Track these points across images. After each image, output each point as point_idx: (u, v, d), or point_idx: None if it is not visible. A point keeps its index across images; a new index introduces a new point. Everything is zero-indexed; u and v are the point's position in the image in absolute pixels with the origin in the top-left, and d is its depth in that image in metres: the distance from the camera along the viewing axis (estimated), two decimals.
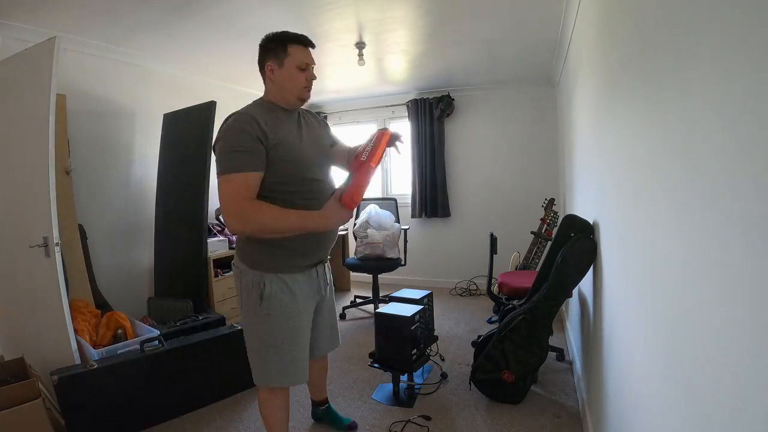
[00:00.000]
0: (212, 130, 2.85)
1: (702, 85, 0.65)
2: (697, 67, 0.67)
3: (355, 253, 3.66)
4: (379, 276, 3.70)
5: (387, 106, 4.77)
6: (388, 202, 3.96)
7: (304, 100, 1.45)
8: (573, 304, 2.68)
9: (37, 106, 1.97)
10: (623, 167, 1.25)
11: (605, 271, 1.58)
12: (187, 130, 2.99)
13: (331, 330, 1.73)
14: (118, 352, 2.08)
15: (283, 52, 1.38)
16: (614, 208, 1.40)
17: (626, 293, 1.22)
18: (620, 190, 1.30)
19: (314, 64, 1.44)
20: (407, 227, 3.92)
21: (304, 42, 1.42)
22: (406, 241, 3.78)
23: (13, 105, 2.15)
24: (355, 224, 3.76)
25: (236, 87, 3.98)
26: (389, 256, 3.54)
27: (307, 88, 1.43)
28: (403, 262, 3.67)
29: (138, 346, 2.07)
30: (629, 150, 1.16)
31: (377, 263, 3.54)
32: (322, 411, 2.00)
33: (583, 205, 2.23)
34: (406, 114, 4.59)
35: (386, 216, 3.67)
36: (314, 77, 1.44)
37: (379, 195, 4.93)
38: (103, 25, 2.50)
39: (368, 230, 3.57)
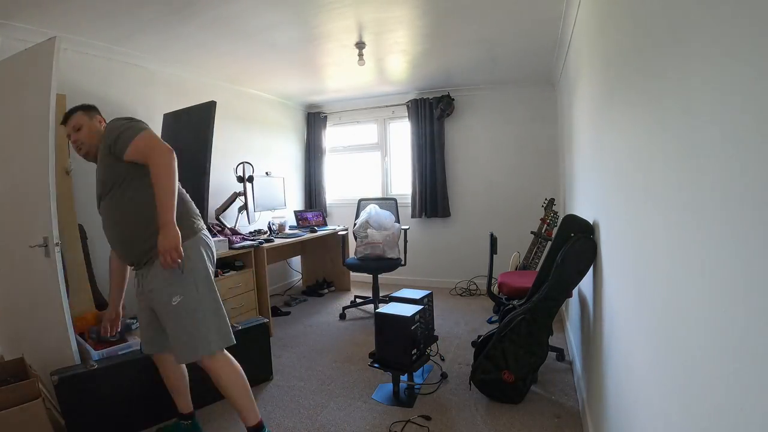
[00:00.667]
0: (212, 130, 2.85)
1: (701, 87, 0.65)
2: (697, 68, 0.67)
3: (355, 253, 3.66)
4: (379, 276, 3.70)
5: (387, 106, 4.77)
6: (389, 202, 3.96)
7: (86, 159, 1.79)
8: (573, 304, 2.68)
9: (37, 106, 1.97)
10: (623, 167, 1.25)
11: (605, 271, 1.58)
12: (187, 130, 2.99)
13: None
14: (119, 352, 2.08)
15: None
16: (614, 208, 1.40)
17: (626, 293, 1.22)
18: (619, 191, 1.30)
19: (72, 131, 1.72)
20: (407, 227, 3.93)
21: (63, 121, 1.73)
22: (406, 241, 3.79)
23: (13, 105, 2.15)
24: (355, 224, 3.77)
25: (237, 87, 3.99)
26: (389, 256, 3.55)
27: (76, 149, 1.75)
28: (403, 262, 3.67)
29: (138, 347, 2.07)
30: (629, 150, 1.16)
31: (377, 263, 3.54)
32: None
33: (582, 205, 2.23)
34: (406, 114, 4.59)
35: (386, 216, 3.67)
36: (76, 143, 1.74)
37: (379, 195, 4.93)
38: (103, 26, 2.50)
39: (368, 230, 3.58)
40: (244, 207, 3.56)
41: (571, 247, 1.81)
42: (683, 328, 0.74)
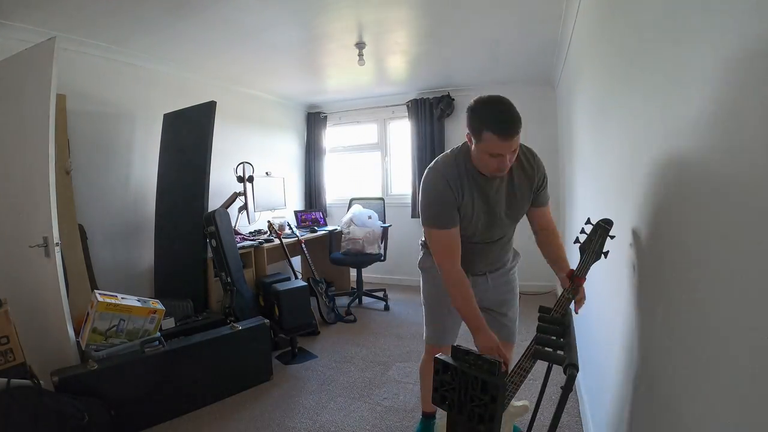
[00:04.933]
0: (212, 130, 2.85)
1: (701, 86, 0.65)
2: (696, 67, 0.67)
3: (340, 248, 3.91)
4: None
5: (387, 106, 4.77)
6: (377, 202, 4.20)
7: (496, 176, 1.40)
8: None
9: (37, 106, 1.97)
10: (623, 167, 1.25)
11: (604, 272, 1.58)
12: (187, 130, 2.99)
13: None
14: (119, 353, 2.08)
15: (478, 134, 1.29)
16: (614, 207, 1.40)
17: (626, 294, 1.22)
18: (619, 190, 1.30)
19: (510, 152, 1.29)
20: (389, 225, 4.07)
21: (502, 133, 1.25)
22: (386, 238, 3.98)
23: (13, 105, 2.15)
24: (342, 222, 4.00)
25: (236, 87, 3.98)
26: (369, 252, 3.79)
27: (499, 169, 1.33)
28: (382, 258, 3.93)
29: (138, 347, 2.07)
30: (628, 150, 1.16)
31: (358, 258, 3.80)
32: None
33: (582, 205, 2.23)
34: (406, 114, 4.59)
35: (367, 215, 3.91)
36: (506, 164, 1.31)
37: (370, 195, 4.92)
38: (103, 26, 2.50)
39: (351, 227, 3.83)
40: (244, 207, 3.56)
41: None
42: (682, 327, 0.74)
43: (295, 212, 4.41)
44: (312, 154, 5.08)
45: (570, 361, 0.92)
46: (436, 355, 1.13)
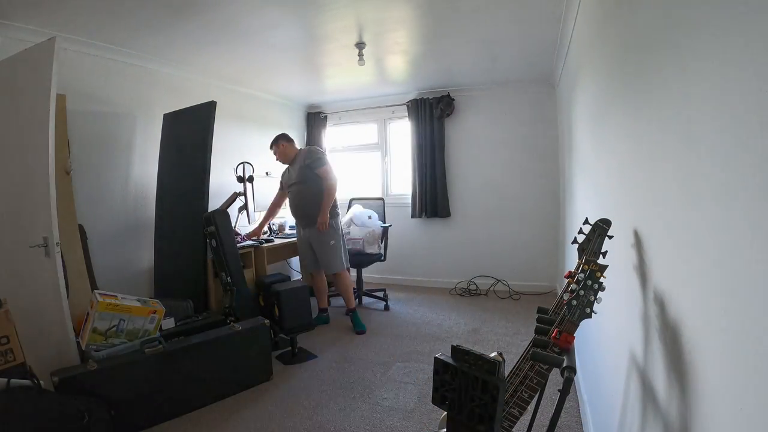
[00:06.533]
0: (212, 130, 2.85)
1: (700, 85, 0.65)
2: (695, 67, 0.67)
3: None
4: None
5: (387, 106, 4.77)
6: (377, 202, 4.21)
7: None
8: None
9: (37, 106, 1.97)
10: (623, 167, 1.25)
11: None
12: (187, 130, 2.99)
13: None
14: (119, 353, 2.08)
15: None
16: (614, 207, 1.40)
17: (624, 294, 1.22)
18: (620, 190, 1.30)
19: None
20: (389, 225, 4.06)
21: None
22: (386, 239, 3.97)
23: (13, 105, 2.15)
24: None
25: (236, 87, 3.98)
26: (369, 252, 3.80)
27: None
28: (382, 258, 3.94)
29: (138, 347, 2.07)
30: (629, 149, 1.16)
31: (357, 258, 3.80)
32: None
33: (582, 205, 2.23)
34: (406, 114, 4.59)
35: (367, 215, 3.94)
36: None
37: (370, 195, 4.93)
38: (103, 26, 2.50)
39: (351, 227, 3.84)
40: (244, 207, 3.56)
41: None
42: (682, 328, 0.74)
43: None
44: None
45: (567, 364, 0.92)
46: (436, 356, 1.12)
